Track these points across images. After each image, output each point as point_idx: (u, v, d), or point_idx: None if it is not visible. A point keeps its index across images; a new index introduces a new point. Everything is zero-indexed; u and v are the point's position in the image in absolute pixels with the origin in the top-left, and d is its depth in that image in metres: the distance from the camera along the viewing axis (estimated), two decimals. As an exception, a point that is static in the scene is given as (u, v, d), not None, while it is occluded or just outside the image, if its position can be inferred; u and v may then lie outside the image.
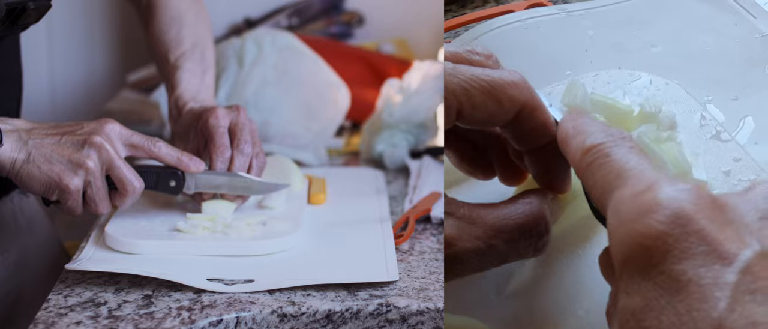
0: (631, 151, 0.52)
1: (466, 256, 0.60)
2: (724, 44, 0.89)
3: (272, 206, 0.95)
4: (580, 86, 0.82)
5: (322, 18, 1.60)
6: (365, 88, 1.37)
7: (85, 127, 0.83)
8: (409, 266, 0.85)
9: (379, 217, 0.96)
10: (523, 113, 0.62)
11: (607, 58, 0.88)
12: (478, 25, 0.95)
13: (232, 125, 0.93)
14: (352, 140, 1.32)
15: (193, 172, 0.88)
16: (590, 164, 0.53)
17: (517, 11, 0.96)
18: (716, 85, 0.83)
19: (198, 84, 1.02)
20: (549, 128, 0.64)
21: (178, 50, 1.03)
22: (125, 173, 0.83)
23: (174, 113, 0.99)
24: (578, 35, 0.92)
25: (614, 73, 0.85)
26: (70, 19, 1.68)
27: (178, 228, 0.87)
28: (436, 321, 0.77)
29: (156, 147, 0.86)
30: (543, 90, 0.67)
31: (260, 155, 0.93)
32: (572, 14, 0.95)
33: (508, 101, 0.61)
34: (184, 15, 1.06)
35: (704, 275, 0.43)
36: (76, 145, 0.82)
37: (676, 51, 0.89)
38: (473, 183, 0.74)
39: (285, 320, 0.76)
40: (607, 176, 0.51)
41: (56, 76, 1.70)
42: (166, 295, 0.77)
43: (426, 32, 1.60)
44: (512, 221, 0.62)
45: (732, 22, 0.91)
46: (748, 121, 0.79)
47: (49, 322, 0.73)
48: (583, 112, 0.59)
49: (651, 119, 0.76)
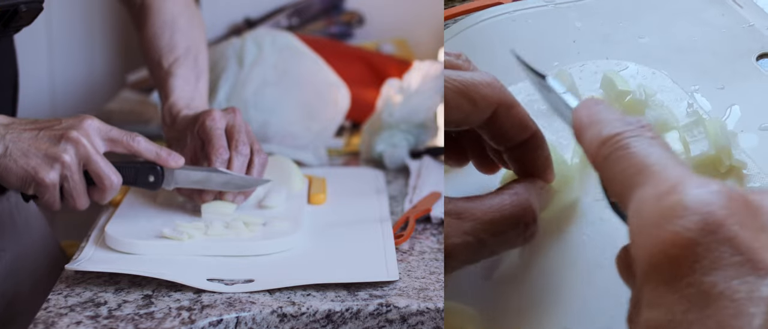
0: (653, 142, 0.48)
1: (456, 251, 0.60)
2: (710, 35, 0.89)
3: (272, 206, 0.95)
4: (568, 76, 0.83)
5: (322, 18, 1.60)
6: (365, 88, 1.37)
7: (64, 122, 0.83)
8: (409, 266, 0.85)
9: (379, 217, 0.96)
10: (500, 111, 0.63)
11: (594, 50, 0.89)
12: (466, 18, 0.96)
13: (228, 127, 0.93)
14: (352, 140, 1.32)
15: (172, 167, 0.88)
16: (607, 156, 0.49)
17: (505, 3, 0.97)
18: (703, 74, 0.84)
19: (192, 91, 1.02)
20: (527, 123, 0.64)
21: (171, 56, 1.03)
22: (102, 168, 0.83)
23: (168, 120, 0.99)
24: (566, 27, 0.93)
25: (601, 63, 0.86)
26: (70, 19, 1.68)
27: (164, 235, 0.86)
28: (436, 321, 0.77)
29: (135, 142, 0.86)
30: (555, 76, 0.67)
31: (261, 153, 0.93)
32: (560, 6, 0.96)
33: (482, 100, 0.62)
34: (177, 19, 1.06)
35: (737, 288, 0.39)
36: (52, 139, 0.82)
37: (664, 42, 0.89)
38: (458, 174, 0.75)
39: (285, 320, 0.76)
40: (627, 171, 0.47)
41: (56, 76, 1.70)
42: (166, 295, 0.77)
43: (426, 32, 1.60)
44: (499, 214, 0.61)
45: (719, 13, 0.92)
46: (735, 109, 0.80)
47: (49, 322, 0.73)
48: (599, 99, 0.55)
49: (641, 106, 0.77)
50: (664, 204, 0.43)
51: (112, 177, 0.84)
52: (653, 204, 0.43)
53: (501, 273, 0.68)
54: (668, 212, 0.42)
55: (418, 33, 1.61)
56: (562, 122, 0.64)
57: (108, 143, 0.85)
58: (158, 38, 1.04)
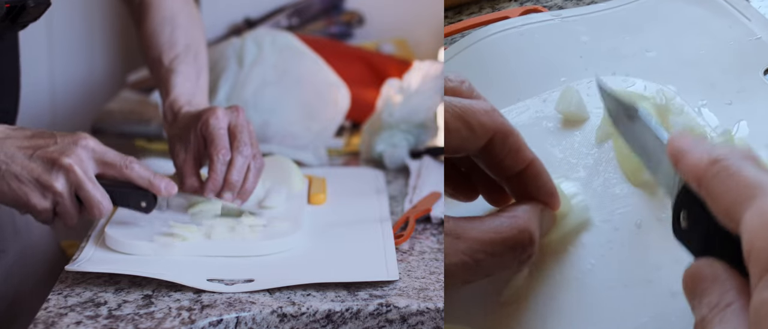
0: (759, 167, 0.52)
1: (452, 270, 0.61)
2: (718, 48, 0.88)
3: (272, 206, 0.95)
4: (575, 93, 0.83)
5: (322, 18, 1.60)
6: (365, 88, 1.37)
7: (59, 141, 0.83)
8: (409, 266, 0.85)
9: (379, 217, 0.96)
10: (496, 140, 0.64)
11: (601, 64, 0.88)
12: (474, 32, 0.95)
13: (231, 126, 0.92)
14: (352, 140, 1.32)
15: (165, 196, 0.87)
16: (717, 174, 0.52)
17: (512, 18, 0.96)
18: (711, 89, 0.83)
19: (192, 87, 1.01)
20: (523, 152, 0.65)
21: (171, 52, 1.03)
22: (92, 196, 0.83)
23: (169, 116, 0.99)
24: (573, 41, 0.92)
25: (608, 79, 0.85)
26: (70, 19, 1.68)
27: (164, 235, 0.85)
28: (436, 321, 0.77)
29: (128, 168, 0.85)
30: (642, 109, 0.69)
31: (258, 157, 0.93)
32: (567, 20, 0.95)
33: (480, 127, 0.63)
34: (176, 16, 1.06)
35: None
36: (45, 165, 0.82)
37: (671, 56, 0.88)
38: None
39: (285, 320, 0.76)
40: (740, 184, 0.50)
41: (56, 77, 1.70)
42: (166, 295, 0.77)
43: (426, 32, 1.60)
44: (496, 236, 0.62)
45: (726, 25, 0.91)
46: (742, 125, 0.79)
47: (49, 322, 0.73)
48: (689, 132, 0.59)
49: (665, 111, 0.77)
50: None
51: (102, 205, 0.84)
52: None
53: (504, 296, 0.68)
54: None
55: (418, 33, 1.61)
56: (637, 152, 0.65)
57: (101, 166, 0.84)
58: (158, 35, 1.04)
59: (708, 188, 0.53)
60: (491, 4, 1.09)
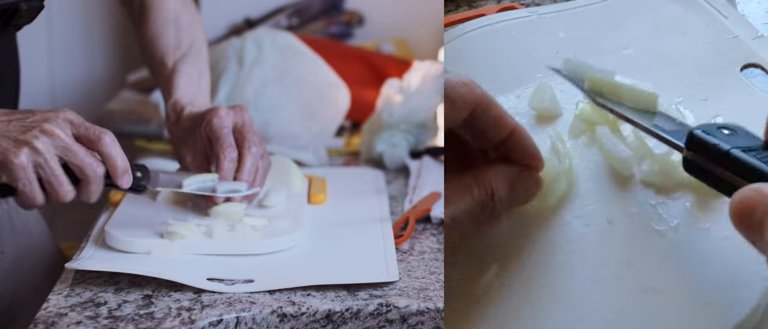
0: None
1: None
2: (695, 45, 0.89)
3: (272, 205, 0.95)
4: (548, 89, 0.83)
5: (322, 18, 1.60)
6: (365, 88, 1.37)
7: (37, 114, 0.80)
8: (409, 266, 0.85)
9: (379, 217, 0.96)
10: (478, 111, 0.66)
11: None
12: (450, 30, 0.95)
13: (238, 126, 0.92)
14: (352, 140, 1.32)
15: (120, 185, 0.83)
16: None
17: (488, 15, 0.97)
18: (687, 86, 0.84)
19: (195, 88, 1.01)
20: (505, 119, 0.67)
21: (174, 54, 1.03)
22: (82, 158, 0.79)
23: (172, 117, 0.99)
24: (549, 38, 0.93)
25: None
26: (70, 19, 1.68)
27: (164, 234, 0.85)
28: (436, 321, 0.77)
29: (100, 142, 0.80)
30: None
31: (265, 157, 0.93)
32: (543, 16, 0.95)
33: (460, 100, 0.65)
34: (179, 17, 1.06)
35: None
36: (23, 128, 0.78)
37: (647, 52, 0.89)
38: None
39: (285, 320, 0.76)
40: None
41: (56, 77, 1.70)
42: (166, 295, 0.77)
43: (426, 32, 1.60)
44: (464, 189, 0.66)
45: (703, 23, 0.91)
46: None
47: (49, 322, 0.73)
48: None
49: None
50: None
51: (94, 166, 0.80)
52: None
53: (476, 292, 0.68)
54: None
55: (418, 33, 1.61)
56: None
57: (76, 138, 0.80)
58: (161, 36, 1.04)
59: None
60: (467, 2, 1.09)
